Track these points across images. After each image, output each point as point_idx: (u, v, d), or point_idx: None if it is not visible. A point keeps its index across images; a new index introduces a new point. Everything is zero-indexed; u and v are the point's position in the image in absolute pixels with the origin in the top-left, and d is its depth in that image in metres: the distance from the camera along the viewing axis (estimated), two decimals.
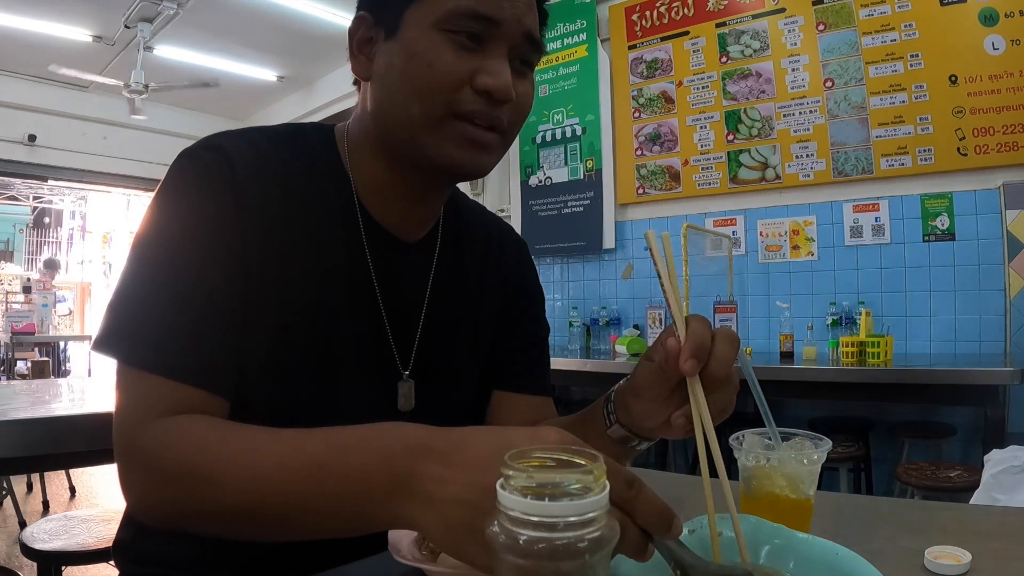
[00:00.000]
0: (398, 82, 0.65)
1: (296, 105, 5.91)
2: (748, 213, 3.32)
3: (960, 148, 2.74)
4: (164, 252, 0.61)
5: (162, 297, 0.59)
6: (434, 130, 0.65)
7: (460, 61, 0.64)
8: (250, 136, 0.69)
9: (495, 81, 0.64)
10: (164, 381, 0.57)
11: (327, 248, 0.70)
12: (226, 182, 0.63)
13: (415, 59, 0.64)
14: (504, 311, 0.86)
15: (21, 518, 3.24)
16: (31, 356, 6.09)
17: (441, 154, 0.66)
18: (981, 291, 2.71)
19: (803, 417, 2.98)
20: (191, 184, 0.64)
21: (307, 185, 0.69)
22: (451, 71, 0.63)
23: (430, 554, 0.56)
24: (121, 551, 0.76)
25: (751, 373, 0.66)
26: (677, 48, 3.52)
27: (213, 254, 0.61)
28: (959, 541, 0.57)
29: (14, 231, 14.73)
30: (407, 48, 0.64)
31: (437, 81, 0.64)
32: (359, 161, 0.73)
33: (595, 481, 0.32)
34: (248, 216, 0.63)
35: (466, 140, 0.66)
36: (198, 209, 0.62)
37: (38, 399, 1.38)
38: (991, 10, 2.67)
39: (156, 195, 0.65)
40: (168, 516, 0.55)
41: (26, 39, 4.67)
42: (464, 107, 0.65)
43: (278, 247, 0.65)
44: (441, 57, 0.63)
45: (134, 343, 0.59)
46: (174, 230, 0.62)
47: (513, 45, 0.66)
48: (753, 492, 0.62)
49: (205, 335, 0.59)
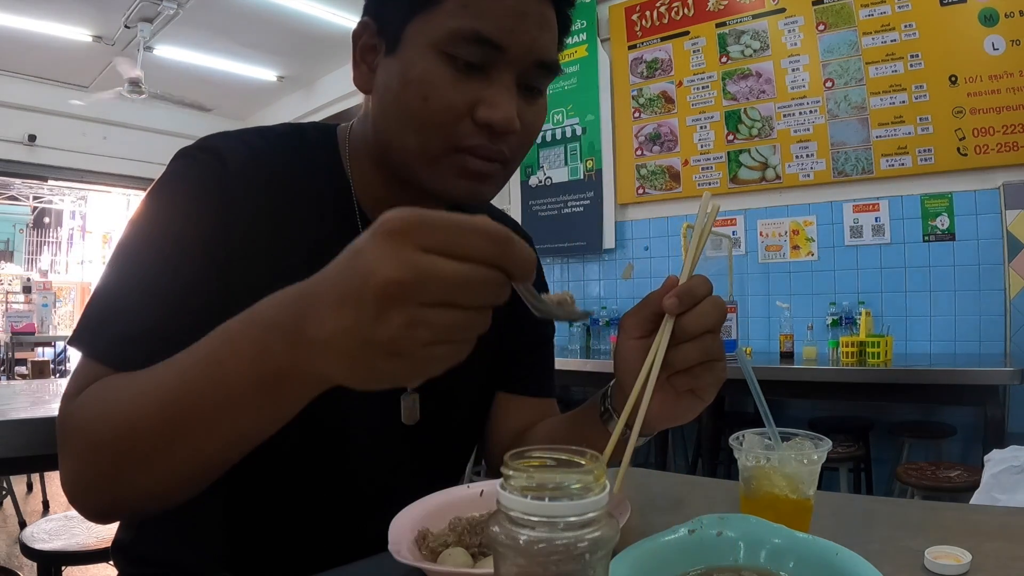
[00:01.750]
0: (394, 109, 0.62)
1: (296, 105, 5.91)
2: (748, 213, 3.32)
3: (960, 148, 2.74)
4: (137, 251, 0.61)
5: (130, 297, 0.59)
6: (432, 164, 0.62)
7: (459, 91, 0.60)
8: (248, 136, 0.68)
9: (497, 114, 0.60)
10: (87, 361, 0.57)
11: (323, 249, 0.68)
12: (215, 182, 0.63)
13: (411, 87, 0.60)
14: (508, 309, 0.85)
15: (21, 518, 3.24)
16: (31, 356, 6.10)
17: (439, 186, 0.63)
18: (981, 291, 2.71)
19: (803, 417, 2.98)
20: (178, 184, 0.63)
21: (304, 185, 0.69)
22: (449, 104, 0.59)
23: (430, 554, 0.56)
24: (120, 551, 0.76)
25: (751, 373, 0.66)
26: (677, 48, 3.52)
27: (188, 253, 0.60)
28: (959, 541, 0.57)
29: (14, 231, 14.73)
30: (404, 71, 0.61)
31: (433, 116, 0.60)
32: (360, 165, 0.72)
33: (595, 481, 0.32)
34: (236, 216, 0.63)
35: (466, 171, 0.63)
36: (181, 209, 0.62)
37: (38, 399, 1.38)
38: (991, 10, 2.67)
39: (147, 193, 0.65)
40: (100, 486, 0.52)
41: (26, 39, 4.67)
42: (464, 141, 0.61)
43: (269, 247, 0.64)
44: (438, 88, 0.59)
45: (96, 339, 0.58)
46: (152, 229, 0.62)
47: (522, 71, 0.62)
48: (753, 492, 0.62)
49: (129, 315, 0.58)
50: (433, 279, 0.36)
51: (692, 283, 0.57)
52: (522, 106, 0.63)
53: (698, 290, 0.56)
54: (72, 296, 10.28)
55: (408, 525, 0.59)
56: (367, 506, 0.67)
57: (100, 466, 0.51)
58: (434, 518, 0.62)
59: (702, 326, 0.56)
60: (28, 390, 1.43)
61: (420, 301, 0.36)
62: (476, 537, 0.57)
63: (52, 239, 13.74)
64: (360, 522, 0.69)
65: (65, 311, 9.71)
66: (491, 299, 0.38)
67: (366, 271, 0.37)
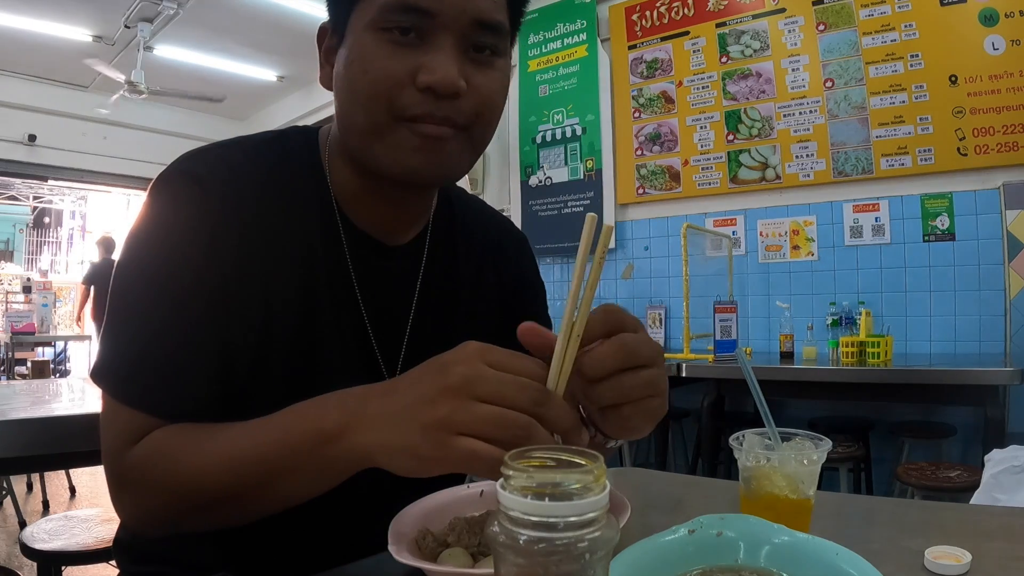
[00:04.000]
0: (343, 92, 0.64)
1: (296, 105, 5.91)
2: (748, 213, 3.32)
3: (960, 148, 2.74)
4: (142, 286, 0.62)
5: (140, 333, 0.61)
6: (382, 137, 0.62)
7: (396, 60, 0.60)
8: (226, 152, 0.68)
9: (434, 76, 0.59)
10: (137, 413, 0.60)
11: (305, 255, 0.68)
12: (197, 208, 0.63)
13: (353, 66, 0.62)
14: (503, 311, 0.84)
15: (21, 518, 3.24)
16: (31, 356, 6.10)
17: (394, 162, 0.63)
18: (981, 291, 2.71)
19: (803, 417, 2.98)
20: (162, 215, 0.64)
21: (284, 193, 0.68)
22: (387, 73, 0.60)
23: (430, 554, 0.56)
24: (121, 550, 0.76)
25: (750, 373, 0.66)
26: (677, 48, 3.52)
27: (188, 285, 0.61)
28: (959, 541, 0.57)
29: (14, 231, 14.74)
30: (348, 54, 0.62)
31: (374, 85, 0.60)
32: (336, 167, 0.72)
33: (595, 481, 0.32)
34: (222, 237, 0.63)
35: (418, 143, 0.62)
36: (170, 242, 0.63)
37: (38, 399, 1.38)
38: (991, 10, 2.67)
39: (133, 225, 0.65)
40: (163, 522, 0.60)
41: (26, 39, 4.67)
42: (409, 111, 0.61)
43: (256, 259, 0.65)
44: (376, 60, 0.60)
45: (115, 377, 0.61)
46: (149, 264, 0.62)
47: (462, 35, 0.61)
48: (753, 492, 0.62)
49: (177, 369, 0.60)
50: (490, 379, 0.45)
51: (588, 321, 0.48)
52: (470, 70, 0.62)
53: (592, 330, 0.48)
54: (72, 296, 10.27)
55: (408, 525, 0.59)
56: (367, 506, 0.67)
57: (167, 513, 0.59)
58: (434, 518, 0.62)
59: (602, 369, 0.48)
60: (28, 390, 1.43)
61: (474, 395, 0.44)
62: (476, 537, 0.57)
63: (52, 239, 13.75)
64: (360, 522, 0.69)
65: (65, 311, 9.71)
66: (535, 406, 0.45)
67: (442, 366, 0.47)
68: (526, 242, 0.93)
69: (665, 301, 3.55)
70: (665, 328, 3.48)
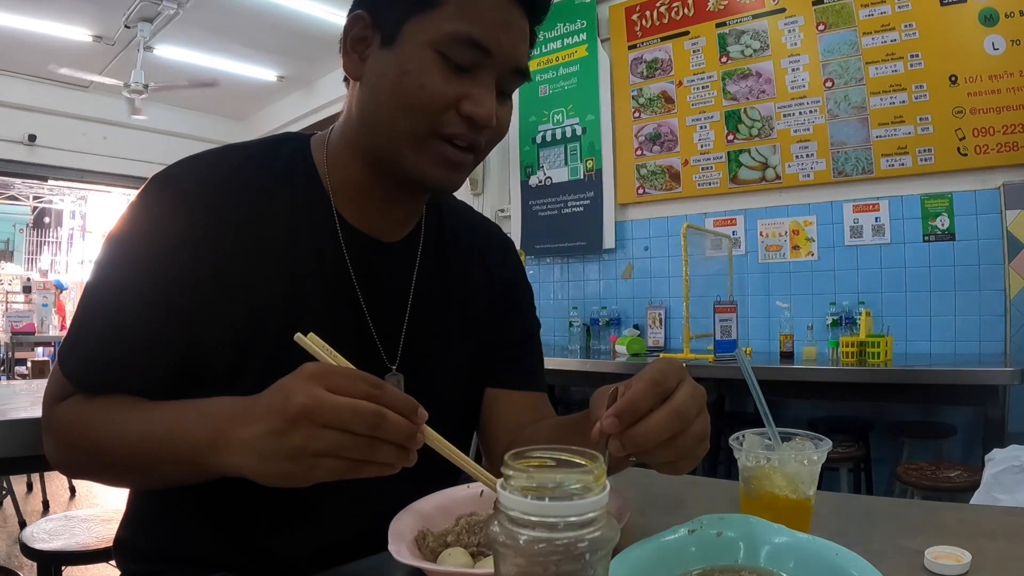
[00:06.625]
0: (388, 95, 0.68)
1: (296, 105, 5.91)
2: (748, 213, 3.32)
3: (960, 148, 2.74)
4: (100, 278, 0.68)
5: (87, 318, 0.68)
6: (416, 146, 0.69)
7: (449, 85, 0.67)
8: (218, 159, 0.72)
9: (480, 110, 0.67)
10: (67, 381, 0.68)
11: (299, 252, 0.72)
12: (179, 212, 0.67)
13: (408, 76, 0.66)
14: (492, 308, 0.88)
15: (21, 518, 3.24)
16: (31, 356, 6.10)
17: (418, 169, 0.70)
18: (981, 291, 2.71)
19: (803, 417, 2.98)
20: (143, 215, 0.68)
21: (278, 196, 0.72)
22: (440, 94, 0.66)
23: (430, 554, 0.56)
24: (122, 549, 0.77)
25: (750, 373, 0.66)
26: (677, 48, 3.52)
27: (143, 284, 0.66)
28: (959, 541, 0.57)
29: (14, 231, 14.74)
30: (401, 63, 0.67)
31: (426, 102, 0.66)
32: (338, 164, 0.76)
33: (595, 481, 0.32)
34: (202, 241, 0.66)
35: (443, 159, 0.69)
36: (145, 240, 0.67)
37: (38, 399, 1.37)
38: (991, 10, 2.66)
39: (118, 219, 0.69)
40: (77, 471, 0.70)
41: (26, 39, 4.67)
42: (447, 129, 0.68)
43: (241, 258, 0.68)
44: (433, 79, 0.66)
45: (62, 345, 0.70)
46: (110, 262, 0.68)
47: (501, 75, 0.69)
48: (753, 492, 0.62)
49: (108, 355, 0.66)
50: (328, 407, 0.48)
51: (634, 396, 0.51)
52: (496, 105, 0.69)
53: (640, 404, 0.51)
54: (72, 296, 10.26)
55: (408, 525, 0.59)
56: (367, 506, 0.67)
57: (76, 463, 0.69)
58: (434, 518, 0.62)
59: (653, 440, 0.51)
60: (28, 390, 1.43)
61: (318, 423, 0.48)
62: (476, 537, 0.57)
63: (52, 239, 13.73)
64: (360, 522, 0.70)
65: (65, 311, 9.69)
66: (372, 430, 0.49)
67: (284, 397, 0.50)
68: (511, 244, 0.98)
69: (665, 301, 3.54)
70: (665, 328, 3.48)
